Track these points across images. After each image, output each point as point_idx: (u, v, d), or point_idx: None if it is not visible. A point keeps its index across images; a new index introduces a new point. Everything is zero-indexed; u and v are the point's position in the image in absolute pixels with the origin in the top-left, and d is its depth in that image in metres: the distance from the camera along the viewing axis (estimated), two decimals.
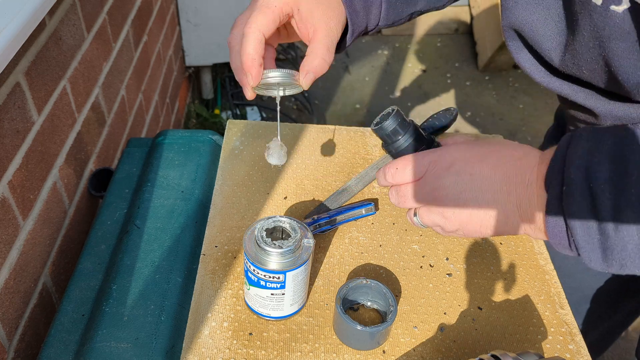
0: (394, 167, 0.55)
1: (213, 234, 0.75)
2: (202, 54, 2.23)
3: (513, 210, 0.50)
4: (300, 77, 0.55)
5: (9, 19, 0.75)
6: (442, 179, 0.52)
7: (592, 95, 0.62)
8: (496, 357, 0.52)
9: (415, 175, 0.54)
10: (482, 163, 0.51)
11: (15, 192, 0.81)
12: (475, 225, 0.52)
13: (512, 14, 0.61)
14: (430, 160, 0.53)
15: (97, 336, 0.67)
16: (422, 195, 0.53)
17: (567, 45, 0.57)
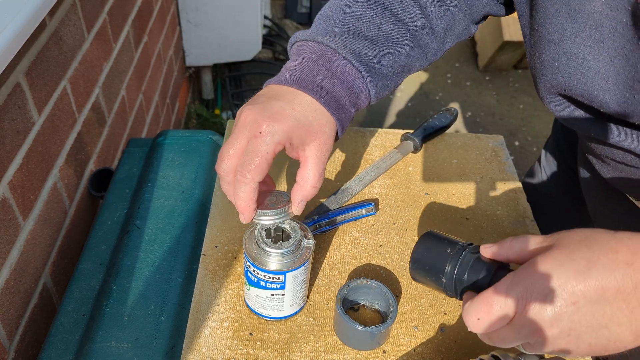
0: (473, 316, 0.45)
1: (213, 234, 0.75)
2: (202, 54, 2.23)
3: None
4: (293, 207, 0.55)
5: (9, 19, 0.75)
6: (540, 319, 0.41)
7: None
8: (497, 357, 0.52)
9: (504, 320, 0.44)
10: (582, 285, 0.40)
11: (16, 192, 0.81)
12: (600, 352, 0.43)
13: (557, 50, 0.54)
14: (517, 298, 0.42)
15: (97, 336, 0.67)
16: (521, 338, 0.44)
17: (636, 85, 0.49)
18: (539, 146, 2.56)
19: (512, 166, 0.89)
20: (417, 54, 0.64)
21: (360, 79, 0.58)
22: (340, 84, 0.57)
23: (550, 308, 0.41)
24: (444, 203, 0.82)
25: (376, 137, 0.94)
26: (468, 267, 0.50)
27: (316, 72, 0.56)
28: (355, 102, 0.59)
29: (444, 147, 0.93)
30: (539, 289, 0.41)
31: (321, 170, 0.55)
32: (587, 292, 0.40)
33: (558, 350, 0.44)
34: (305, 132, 0.53)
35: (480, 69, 3.04)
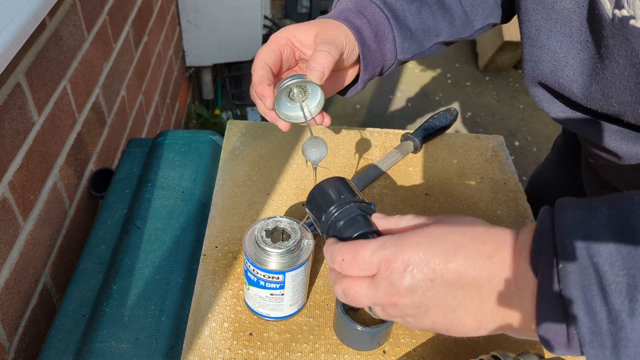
0: (340, 256, 0.45)
1: (213, 235, 0.75)
2: (202, 54, 2.23)
3: (487, 318, 0.42)
4: (307, 74, 0.55)
5: (9, 20, 0.75)
6: (397, 284, 0.42)
7: (616, 134, 0.56)
8: (496, 357, 0.52)
9: (364, 273, 0.44)
10: (444, 266, 0.41)
11: (16, 193, 0.81)
12: (440, 330, 0.44)
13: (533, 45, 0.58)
14: (381, 259, 0.43)
15: (97, 336, 0.67)
16: (374, 298, 0.44)
17: (594, 74, 0.52)
18: (539, 146, 2.56)
19: (512, 166, 0.89)
20: (445, 18, 0.67)
21: (387, 24, 0.63)
22: (368, 24, 0.62)
23: (409, 277, 0.42)
24: (444, 203, 0.82)
25: (376, 137, 0.94)
26: (348, 217, 0.50)
27: (348, 13, 0.62)
28: (381, 48, 0.63)
29: (444, 147, 0.93)
30: (405, 258, 0.42)
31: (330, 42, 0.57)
32: (446, 274, 0.41)
33: (401, 319, 0.45)
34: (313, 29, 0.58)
35: (481, 69, 3.04)
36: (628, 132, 0.56)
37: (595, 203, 0.38)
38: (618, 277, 0.34)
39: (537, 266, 0.38)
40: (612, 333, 0.35)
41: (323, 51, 0.55)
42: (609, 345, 0.35)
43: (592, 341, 0.35)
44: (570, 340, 0.37)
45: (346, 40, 0.59)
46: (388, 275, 0.43)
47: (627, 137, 0.56)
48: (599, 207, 0.37)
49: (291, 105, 0.58)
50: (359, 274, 0.45)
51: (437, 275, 0.41)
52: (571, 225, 0.37)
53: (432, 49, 0.69)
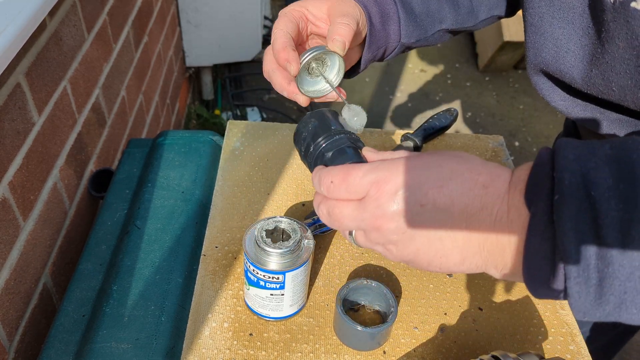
0: (328, 178, 0.44)
1: (213, 235, 0.75)
2: (202, 54, 2.23)
3: (473, 251, 0.41)
4: (329, 45, 0.55)
5: (9, 20, 0.75)
6: (385, 207, 0.41)
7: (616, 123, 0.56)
8: (497, 357, 0.52)
9: (352, 195, 0.43)
10: (436, 191, 0.40)
11: (16, 193, 0.81)
12: (421, 263, 0.43)
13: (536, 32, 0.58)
14: (372, 180, 0.42)
15: (97, 337, 0.67)
16: (359, 220, 0.43)
17: (594, 59, 0.53)
18: (539, 146, 2.56)
19: (512, 166, 0.89)
20: (449, 5, 0.68)
21: (392, 5, 0.63)
22: (374, 2, 0.61)
23: (399, 200, 0.41)
24: None
25: (376, 137, 0.94)
26: (337, 148, 0.48)
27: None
28: (386, 28, 0.63)
29: (444, 147, 0.93)
30: (397, 181, 0.41)
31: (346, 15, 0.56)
32: (438, 200, 0.40)
33: (382, 248, 0.44)
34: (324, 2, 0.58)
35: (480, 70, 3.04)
36: (628, 119, 0.56)
37: (598, 143, 0.37)
38: (613, 212, 0.34)
39: (531, 199, 0.38)
40: (599, 269, 0.34)
41: (342, 23, 0.55)
42: (594, 283, 0.35)
43: (579, 276, 0.35)
44: (555, 276, 0.36)
45: (360, 13, 0.59)
46: (377, 197, 0.42)
47: (627, 125, 0.56)
48: (600, 146, 0.37)
49: (311, 79, 0.57)
50: (346, 196, 0.43)
51: (429, 201, 0.40)
52: (571, 159, 0.37)
53: (435, 36, 0.69)
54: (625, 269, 0.34)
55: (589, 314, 0.36)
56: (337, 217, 0.44)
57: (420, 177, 0.41)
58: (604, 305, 0.35)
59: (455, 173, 0.41)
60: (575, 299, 0.35)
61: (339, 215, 0.44)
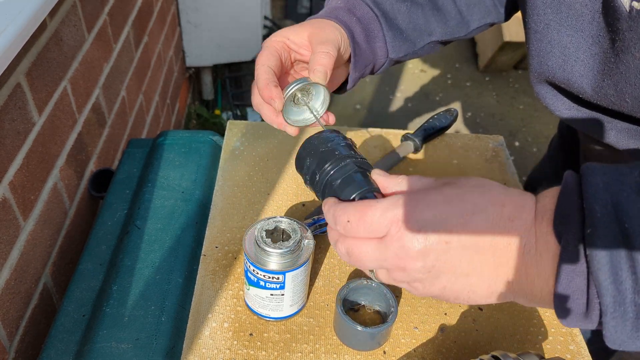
0: (345, 217, 0.42)
1: (213, 235, 0.75)
2: (202, 54, 2.23)
3: (501, 285, 0.40)
4: (311, 76, 0.55)
5: (10, 20, 0.75)
6: (408, 246, 0.39)
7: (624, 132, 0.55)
8: (497, 357, 0.52)
9: (372, 234, 0.41)
10: (461, 227, 0.39)
11: (16, 193, 0.81)
12: (448, 298, 0.42)
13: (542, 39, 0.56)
14: (392, 218, 0.40)
15: (97, 337, 0.67)
16: (381, 260, 0.41)
17: (606, 69, 0.51)
18: (539, 147, 2.56)
19: (512, 167, 0.89)
20: (437, 18, 0.67)
21: (377, 23, 0.63)
22: (358, 22, 0.62)
23: (423, 239, 0.39)
24: None
25: (376, 137, 0.94)
26: (344, 175, 0.46)
27: (338, 11, 0.62)
28: (372, 47, 0.63)
29: (444, 147, 0.93)
30: (419, 218, 0.39)
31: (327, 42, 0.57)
32: (463, 236, 0.39)
33: (407, 285, 0.42)
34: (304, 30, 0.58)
35: (480, 70, 3.04)
36: (637, 129, 0.54)
37: (625, 169, 0.36)
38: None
39: (560, 230, 0.36)
40: (636, 303, 0.33)
41: (322, 52, 0.55)
42: (631, 317, 0.34)
43: (615, 311, 0.34)
44: (589, 309, 0.35)
45: (341, 37, 0.59)
46: (399, 237, 0.40)
47: (636, 134, 0.55)
48: (629, 173, 0.36)
49: (297, 109, 0.58)
50: (365, 235, 0.41)
51: (454, 238, 0.39)
52: (600, 189, 0.35)
53: (426, 48, 0.68)
54: None
55: (625, 345, 0.36)
56: (358, 257, 0.42)
57: (443, 213, 0.39)
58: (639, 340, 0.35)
59: (478, 207, 0.39)
60: (611, 333, 0.35)
61: (359, 255, 0.42)
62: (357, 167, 0.47)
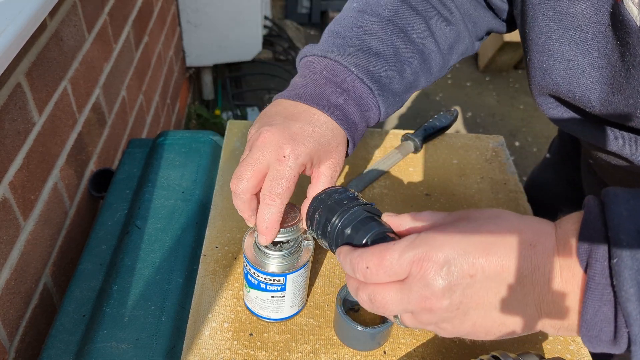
0: (363, 264, 0.41)
1: (213, 235, 0.75)
2: (202, 54, 2.23)
3: (531, 315, 0.39)
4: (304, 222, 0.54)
5: (10, 20, 0.75)
6: (432, 285, 0.39)
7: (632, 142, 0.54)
8: (497, 357, 0.52)
9: (393, 278, 0.40)
10: (484, 259, 0.38)
11: (16, 193, 0.82)
12: (479, 334, 0.41)
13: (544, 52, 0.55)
14: (412, 259, 0.39)
15: (97, 337, 0.67)
16: (405, 304, 0.41)
17: (616, 83, 0.50)
18: (540, 147, 2.56)
19: (513, 167, 0.89)
20: (424, 71, 0.64)
21: (371, 96, 0.58)
22: (352, 101, 0.57)
23: (446, 276, 0.38)
24: (444, 203, 0.82)
25: (376, 137, 0.94)
26: (354, 222, 0.45)
27: (328, 89, 0.56)
28: (366, 119, 0.59)
29: (444, 147, 0.93)
30: (440, 255, 0.39)
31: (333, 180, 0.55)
32: (487, 267, 0.38)
33: (435, 327, 0.41)
34: (324, 152, 0.53)
35: (481, 70, 3.04)
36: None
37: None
38: None
39: (585, 258, 0.36)
40: None
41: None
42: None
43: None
44: (617, 338, 0.36)
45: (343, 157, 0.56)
46: (422, 277, 0.39)
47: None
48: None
49: None
50: (386, 280, 0.41)
51: (478, 270, 0.38)
52: (625, 217, 0.35)
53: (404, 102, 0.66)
54: None
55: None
56: (381, 304, 0.41)
57: (463, 247, 0.39)
58: None
59: (497, 236, 0.39)
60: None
61: (383, 302, 0.41)
62: (366, 212, 0.46)
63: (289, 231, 0.55)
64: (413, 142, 0.89)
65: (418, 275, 0.39)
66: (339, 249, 0.45)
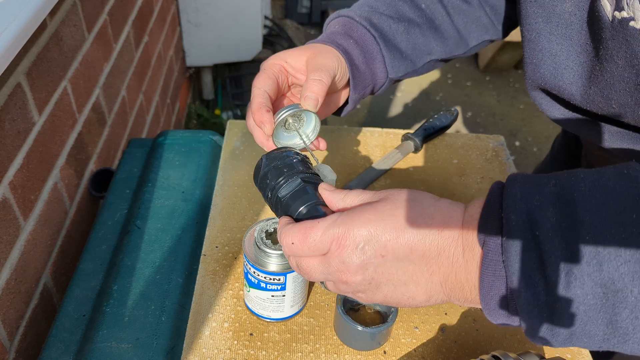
0: (289, 239, 0.45)
1: (214, 235, 0.75)
2: (202, 54, 2.23)
3: (437, 290, 0.43)
4: (302, 103, 0.55)
5: (10, 20, 0.75)
6: (348, 262, 0.43)
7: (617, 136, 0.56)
8: (497, 357, 0.52)
9: (315, 253, 0.45)
10: (394, 242, 0.42)
11: (17, 193, 0.81)
12: (391, 303, 0.46)
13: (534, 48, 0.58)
14: (333, 237, 0.43)
15: (97, 336, 0.67)
16: (326, 274, 0.45)
17: (593, 76, 0.52)
18: (540, 146, 2.56)
19: (513, 166, 0.89)
20: (435, 38, 0.68)
21: (375, 44, 0.64)
22: (356, 44, 0.62)
23: (360, 255, 0.43)
24: None
25: (377, 137, 0.94)
26: (292, 191, 0.49)
27: (336, 35, 0.63)
28: (371, 68, 0.64)
29: (444, 147, 0.93)
30: (355, 235, 0.43)
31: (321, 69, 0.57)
32: (397, 249, 0.42)
33: (353, 295, 0.46)
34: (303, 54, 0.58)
35: (481, 69, 3.04)
36: (628, 133, 0.56)
37: (544, 179, 0.39)
38: (557, 251, 0.36)
39: (483, 239, 0.40)
40: (549, 304, 0.37)
41: (315, 79, 0.56)
42: (545, 316, 0.37)
43: (530, 311, 0.37)
44: (509, 310, 0.39)
45: (338, 63, 0.59)
46: (339, 254, 0.43)
47: (628, 138, 0.56)
48: (546, 182, 0.39)
49: (288, 134, 0.58)
50: (310, 254, 0.45)
51: (388, 251, 0.42)
52: (518, 198, 0.39)
53: (426, 67, 0.69)
54: (571, 305, 0.36)
55: (544, 342, 0.38)
56: (306, 271, 0.46)
57: (376, 229, 0.42)
58: (556, 336, 0.38)
59: (409, 220, 0.42)
60: (529, 331, 0.38)
61: (307, 270, 0.46)
62: (303, 182, 0.50)
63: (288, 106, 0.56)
64: (413, 142, 0.89)
65: (336, 253, 0.43)
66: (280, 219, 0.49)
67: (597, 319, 0.36)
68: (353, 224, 0.43)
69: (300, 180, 0.50)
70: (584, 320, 0.36)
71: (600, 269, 0.35)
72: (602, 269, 0.35)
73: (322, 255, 0.45)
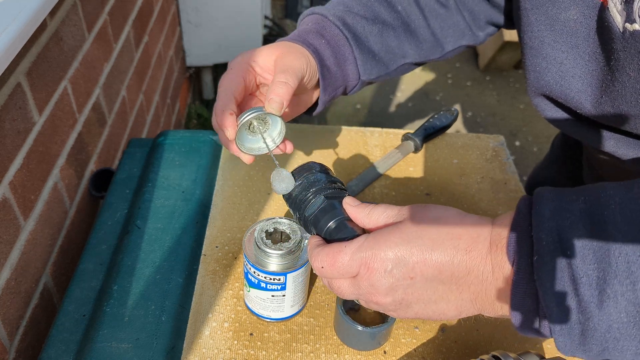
0: (318, 263, 0.46)
1: (214, 235, 0.75)
2: (202, 54, 2.23)
3: (467, 306, 0.44)
4: (266, 106, 0.54)
5: (10, 20, 0.75)
6: (377, 285, 0.44)
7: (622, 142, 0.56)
8: (497, 357, 0.52)
9: (345, 276, 0.46)
10: (422, 264, 0.42)
11: (17, 193, 0.81)
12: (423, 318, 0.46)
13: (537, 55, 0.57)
14: (361, 261, 0.44)
15: (98, 336, 0.67)
16: (357, 295, 0.47)
17: (604, 86, 0.52)
18: (540, 146, 2.56)
19: (513, 166, 0.89)
20: (410, 41, 0.66)
21: (347, 46, 0.63)
22: (327, 45, 0.61)
23: (389, 277, 0.43)
24: (444, 203, 0.82)
25: (377, 137, 0.94)
26: (317, 210, 0.50)
27: (308, 33, 0.62)
28: (343, 69, 0.63)
29: (444, 147, 0.93)
30: (383, 259, 0.43)
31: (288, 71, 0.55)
32: (425, 271, 0.43)
33: (384, 312, 0.47)
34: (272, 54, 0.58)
35: (481, 69, 3.04)
36: (634, 140, 0.55)
37: (572, 195, 0.39)
38: (589, 271, 0.36)
39: (513, 257, 0.40)
40: (581, 322, 0.37)
41: (281, 82, 0.54)
42: (577, 334, 0.37)
43: (562, 329, 0.38)
44: (541, 327, 0.39)
45: (307, 64, 0.58)
46: (368, 277, 0.44)
47: (634, 145, 0.55)
48: (575, 199, 0.39)
49: (252, 137, 0.57)
50: (339, 277, 0.46)
51: (417, 273, 0.43)
52: (547, 217, 0.39)
53: (399, 70, 0.68)
54: (604, 323, 0.36)
55: (575, 355, 0.39)
56: (338, 291, 0.47)
57: (404, 252, 0.43)
58: (587, 352, 0.38)
59: (436, 242, 0.43)
60: (561, 347, 0.39)
61: (339, 290, 0.47)
62: (327, 199, 0.51)
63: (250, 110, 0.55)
64: (413, 142, 0.89)
65: (365, 276, 0.44)
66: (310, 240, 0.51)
67: (631, 335, 0.36)
68: (380, 247, 0.44)
69: (322, 199, 0.51)
70: (616, 337, 0.36)
71: (634, 289, 0.35)
72: (635, 289, 0.35)
73: (352, 277, 0.45)
